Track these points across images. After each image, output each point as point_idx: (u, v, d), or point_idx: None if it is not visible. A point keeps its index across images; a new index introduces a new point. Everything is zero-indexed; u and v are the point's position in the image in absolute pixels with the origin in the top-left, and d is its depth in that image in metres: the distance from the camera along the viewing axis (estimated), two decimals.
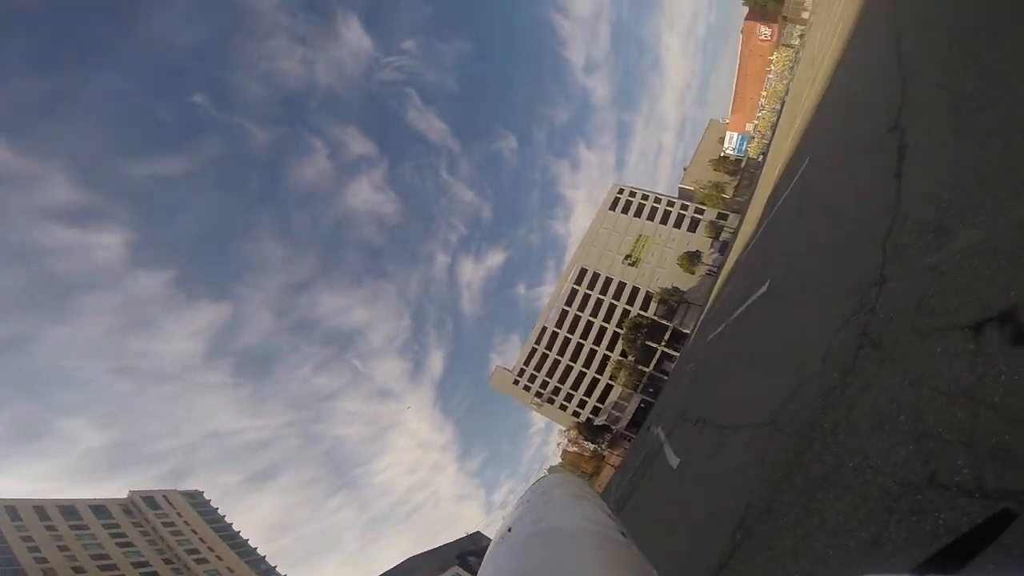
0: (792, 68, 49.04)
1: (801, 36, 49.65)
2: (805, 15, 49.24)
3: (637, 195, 74.87)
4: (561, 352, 71.07)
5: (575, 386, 68.93)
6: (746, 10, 63.19)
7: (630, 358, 62.43)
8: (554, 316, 73.60)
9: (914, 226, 3.80)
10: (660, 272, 66.73)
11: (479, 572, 0.83)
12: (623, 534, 0.85)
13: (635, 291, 68.23)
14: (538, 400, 71.01)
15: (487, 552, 0.90)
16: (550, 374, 70.75)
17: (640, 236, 71.21)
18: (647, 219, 71.97)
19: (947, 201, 3.41)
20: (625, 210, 74.22)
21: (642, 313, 65.12)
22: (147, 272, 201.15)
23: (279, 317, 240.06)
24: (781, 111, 43.47)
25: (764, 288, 10.06)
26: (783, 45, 55.98)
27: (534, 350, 73.29)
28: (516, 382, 73.32)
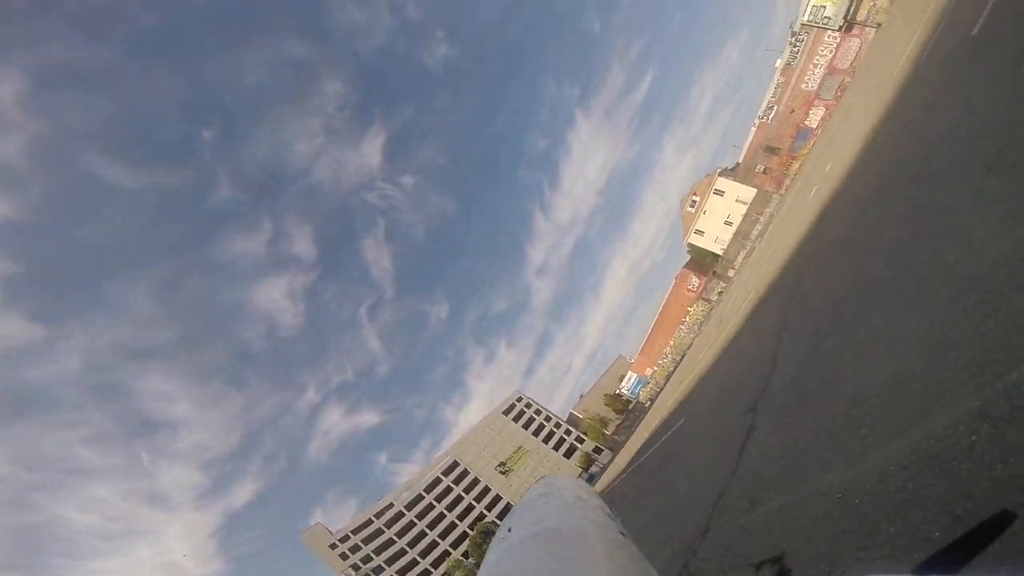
0: (701, 324, 48.03)
1: (720, 294, 48.83)
2: (731, 273, 48.64)
3: (532, 407, 76.59)
4: (400, 534, 64.67)
5: (403, 572, 61.55)
6: (688, 257, 62.76)
7: (471, 560, 57.55)
8: (407, 497, 68.50)
9: (739, 494, 4.72)
10: (526, 488, 65.22)
11: (479, 572, 0.84)
12: (623, 534, 0.86)
13: (497, 499, 65.87)
14: (353, 572, 62.08)
15: (487, 552, 0.90)
16: (378, 552, 63.19)
17: (520, 448, 71.09)
18: (532, 433, 72.66)
19: (764, 478, 4.38)
20: (517, 418, 74.99)
21: (496, 521, 61.98)
22: None
23: (88, 369, 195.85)
24: (679, 364, 43.63)
25: None
26: (702, 299, 55.27)
27: (370, 522, 66.29)
28: (335, 546, 64.43)
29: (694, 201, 55.49)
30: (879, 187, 7.81)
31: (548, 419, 75.01)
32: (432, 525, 65.04)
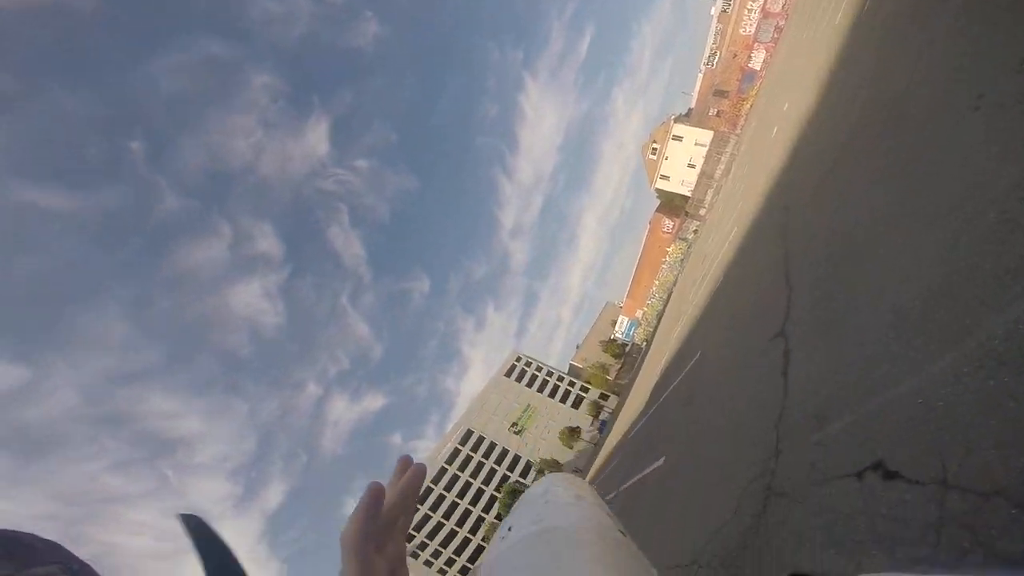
0: (683, 262, 47.73)
1: (695, 232, 48.63)
2: (703, 212, 48.30)
3: (532, 365, 77.80)
4: (433, 508, 66.20)
5: (444, 543, 63.27)
6: (658, 202, 63.40)
7: None
8: (432, 472, 69.95)
9: (800, 414, 5.10)
10: (542, 443, 67.15)
11: (479, 572, 0.82)
12: (623, 533, 0.84)
13: (516, 459, 67.48)
14: None
15: (486, 552, 0.87)
16: (417, 528, 64.78)
17: (528, 406, 72.52)
18: (537, 390, 74.11)
19: (823, 397, 4.76)
20: (519, 378, 76.25)
21: (521, 480, 63.74)
22: None
23: (86, 402, 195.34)
24: (667, 302, 43.80)
25: (660, 462, 11.10)
26: (679, 239, 55.02)
27: None
28: None
29: (654, 148, 55.90)
30: (853, 131, 7.70)
31: (550, 374, 76.47)
32: (461, 495, 66.60)
